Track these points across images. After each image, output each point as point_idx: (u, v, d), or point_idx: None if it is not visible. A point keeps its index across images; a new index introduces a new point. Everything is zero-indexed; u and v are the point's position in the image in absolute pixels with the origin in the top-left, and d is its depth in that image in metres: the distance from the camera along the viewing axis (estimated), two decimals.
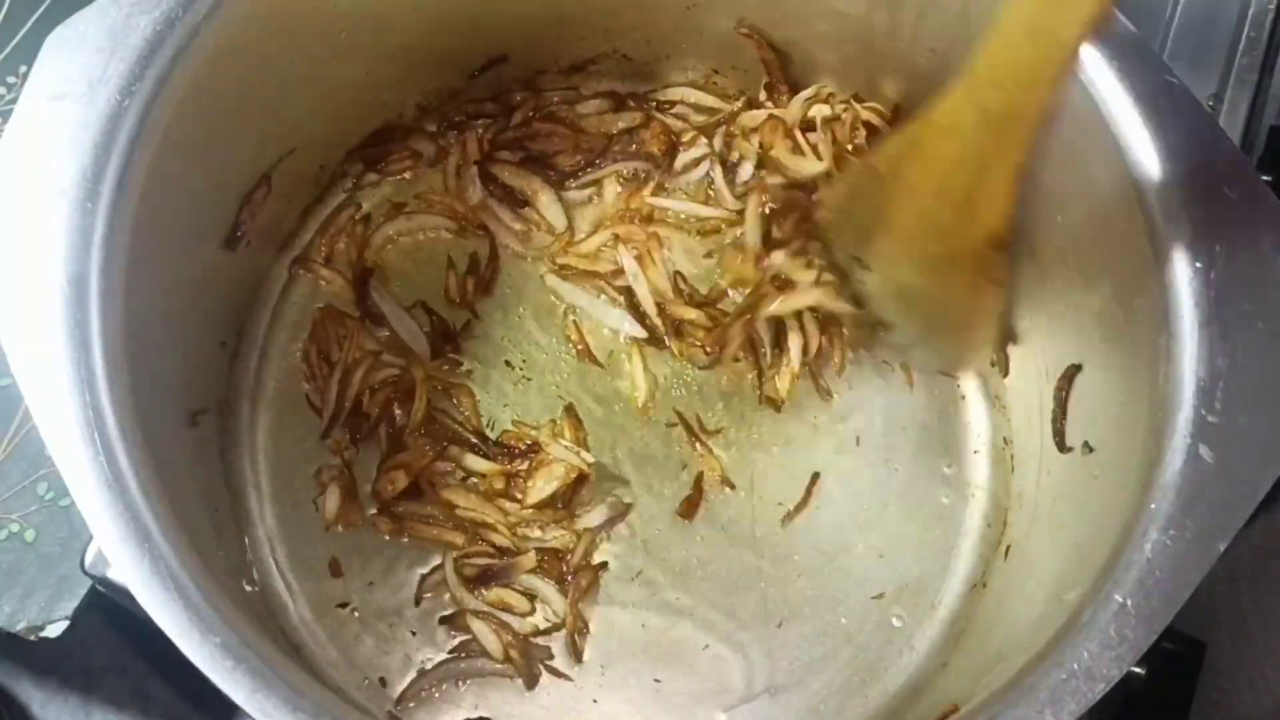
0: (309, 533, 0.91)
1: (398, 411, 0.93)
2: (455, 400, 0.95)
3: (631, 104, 1.04)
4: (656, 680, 0.90)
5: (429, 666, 0.88)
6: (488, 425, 0.95)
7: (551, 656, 0.89)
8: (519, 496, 0.92)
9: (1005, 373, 0.96)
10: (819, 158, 0.97)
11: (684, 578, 0.93)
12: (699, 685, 0.90)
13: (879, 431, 0.98)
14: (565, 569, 0.91)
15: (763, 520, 0.95)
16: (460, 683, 0.88)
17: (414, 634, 0.89)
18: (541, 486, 0.92)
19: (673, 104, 1.05)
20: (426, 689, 0.87)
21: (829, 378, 0.98)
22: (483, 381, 0.97)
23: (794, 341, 0.97)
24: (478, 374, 0.97)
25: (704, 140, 1.03)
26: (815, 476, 0.95)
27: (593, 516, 0.93)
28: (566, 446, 0.93)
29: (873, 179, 0.82)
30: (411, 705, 0.87)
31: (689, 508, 0.94)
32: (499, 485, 0.92)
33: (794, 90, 1.00)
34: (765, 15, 0.96)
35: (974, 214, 0.75)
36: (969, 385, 0.99)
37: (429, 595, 0.90)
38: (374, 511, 0.91)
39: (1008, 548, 0.92)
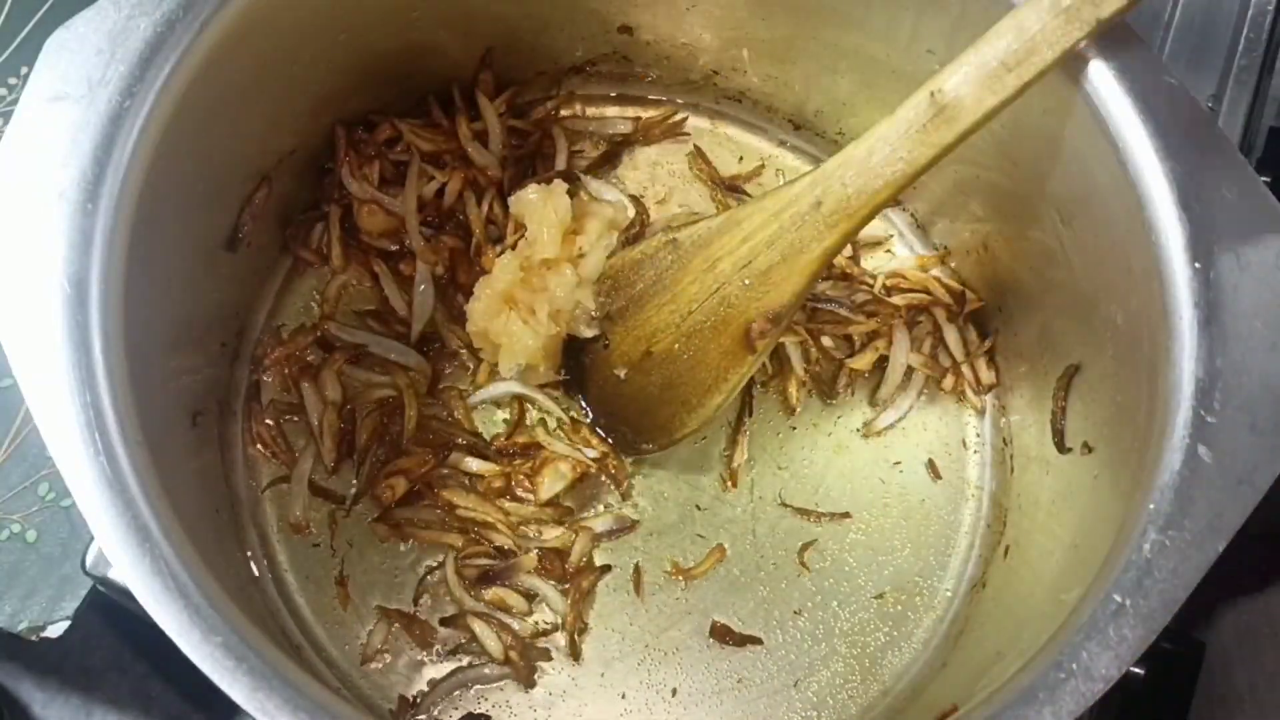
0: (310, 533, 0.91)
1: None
2: (444, 404, 0.95)
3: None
4: (660, 679, 0.90)
5: (437, 677, 0.88)
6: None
7: (550, 657, 0.89)
8: (521, 496, 0.93)
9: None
10: None
11: (685, 577, 0.93)
12: (699, 684, 0.90)
13: (879, 432, 0.98)
14: (566, 569, 0.91)
15: (763, 520, 0.95)
16: (462, 688, 0.89)
17: (415, 634, 0.89)
18: (550, 484, 0.92)
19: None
20: (432, 702, 0.88)
21: (829, 381, 0.99)
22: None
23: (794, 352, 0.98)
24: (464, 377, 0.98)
25: None
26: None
27: (598, 524, 0.93)
28: (569, 444, 0.93)
29: (669, 250, 0.85)
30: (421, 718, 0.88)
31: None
32: (498, 485, 0.92)
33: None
34: (764, 20, 0.96)
35: (764, 290, 0.79)
36: (970, 386, 1.00)
37: (428, 595, 0.90)
38: (374, 518, 0.91)
39: (1007, 548, 0.92)
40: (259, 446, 0.91)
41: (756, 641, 0.91)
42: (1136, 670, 0.68)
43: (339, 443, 0.92)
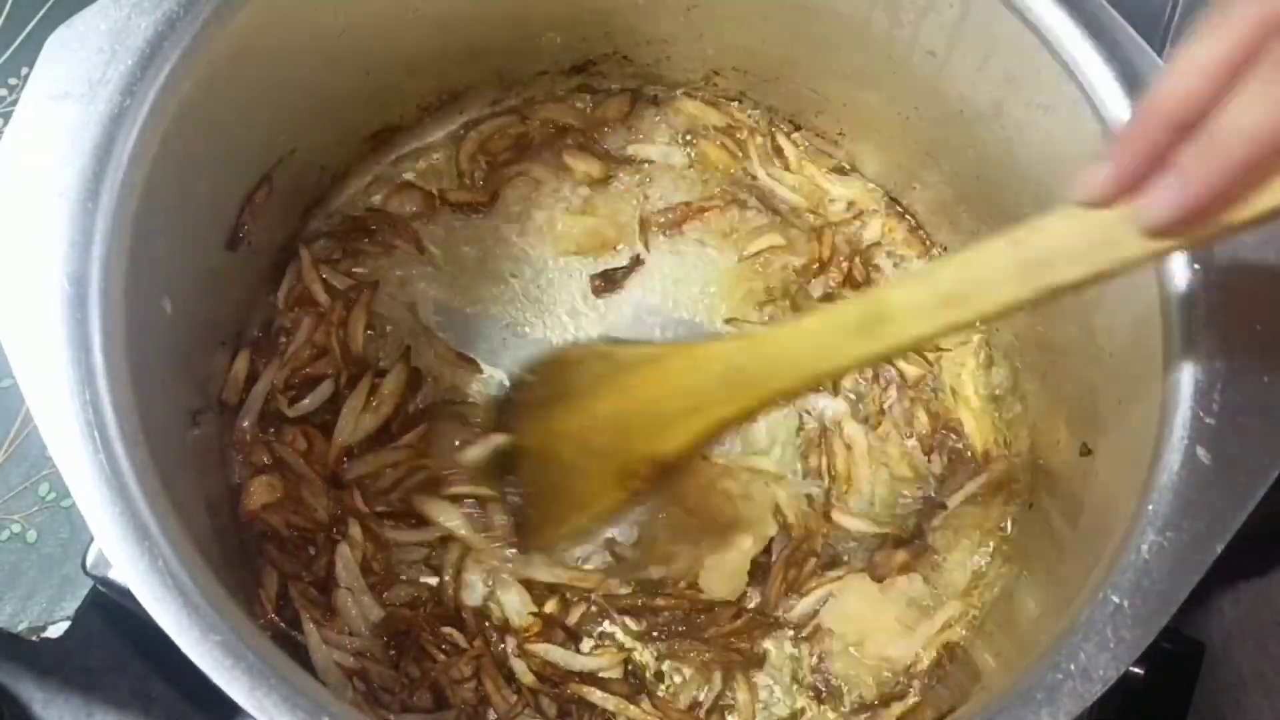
0: None
1: None
2: None
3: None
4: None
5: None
6: None
7: None
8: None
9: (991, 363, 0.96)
10: None
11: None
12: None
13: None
14: None
15: None
16: None
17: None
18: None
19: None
20: None
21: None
22: None
23: None
24: None
25: None
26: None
27: None
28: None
29: (602, 362, 0.84)
30: None
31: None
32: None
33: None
34: (764, 20, 0.96)
35: (659, 435, 0.78)
36: (968, 387, 0.99)
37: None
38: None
39: (1005, 548, 0.92)
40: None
41: None
42: (1136, 670, 0.68)
43: None
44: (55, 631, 0.88)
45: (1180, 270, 0.72)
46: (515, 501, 0.90)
